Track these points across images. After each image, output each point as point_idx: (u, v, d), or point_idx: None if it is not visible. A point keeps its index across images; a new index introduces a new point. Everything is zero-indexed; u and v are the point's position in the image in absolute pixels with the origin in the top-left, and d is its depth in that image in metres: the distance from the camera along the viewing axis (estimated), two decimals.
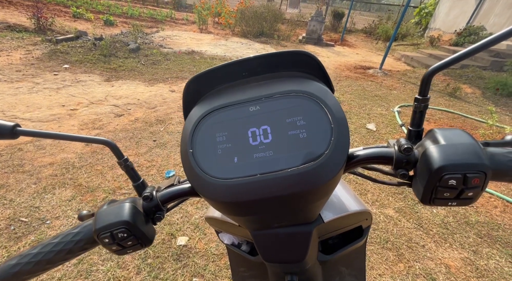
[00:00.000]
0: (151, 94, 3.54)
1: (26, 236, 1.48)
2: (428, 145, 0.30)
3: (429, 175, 0.28)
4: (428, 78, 0.32)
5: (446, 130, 0.31)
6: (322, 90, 0.34)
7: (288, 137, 0.31)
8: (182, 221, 1.68)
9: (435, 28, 10.09)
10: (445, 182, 0.27)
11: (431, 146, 0.30)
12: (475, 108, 4.11)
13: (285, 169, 0.30)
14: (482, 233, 1.76)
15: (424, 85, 0.33)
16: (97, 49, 4.78)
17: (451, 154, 0.28)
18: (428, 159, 0.29)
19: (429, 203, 0.30)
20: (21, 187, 1.81)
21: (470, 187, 0.27)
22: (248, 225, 0.39)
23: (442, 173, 0.27)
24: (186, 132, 0.35)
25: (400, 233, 1.71)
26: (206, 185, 0.32)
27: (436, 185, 0.28)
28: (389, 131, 3.08)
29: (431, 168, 0.28)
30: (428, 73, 0.32)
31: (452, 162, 0.27)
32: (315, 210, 0.38)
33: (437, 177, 0.28)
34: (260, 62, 0.37)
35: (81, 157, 2.18)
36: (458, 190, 0.28)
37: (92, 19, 7.56)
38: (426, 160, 0.29)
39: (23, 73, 3.62)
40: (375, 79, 5.25)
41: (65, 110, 2.87)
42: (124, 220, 0.34)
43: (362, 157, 0.36)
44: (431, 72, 0.32)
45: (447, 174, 0.27)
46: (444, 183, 0.28)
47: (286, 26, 9.87)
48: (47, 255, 0.35)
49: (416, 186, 0.32)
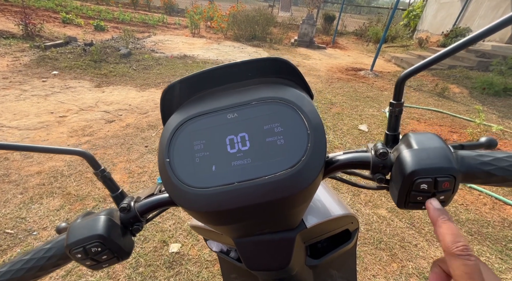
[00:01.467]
0: (142, 100, 3.51)
1: (11, 248, 1.43)
2: (402, 149, 0.31)
3: (403, 179, 0.28)
4: (401, 84, 0.33)
5: (419, 135, 0.31)
6: (299, 97, 0.34)
7: (265, 144, 0.31)
8: (174, 227, 1.66)
9: (423, 30, 10.35)
10: (418, 186, 0.28)
11: (405, 150, 0.30)
12: (463, 107, 4.21)
13: (262, 177, 0.30)
14: (472, 230, 1.78)
15: (397, 90, 0.33)
16: (87, 55, 4.72)
17: (422, 158, 0.28)
18: (402, 163, 0.29)
19: (404, 207, 0.31)
20: (7, 198, 1.76)
21: (441, 190, 0.28)
22: (229, 233, 0.38)
23: (414, 177, 0.27)
24: (163, 141, 0.34)
25: (393, 233, 1.72)
26: (183, 195, 0.31)
27: (409, 189, 0.28)
28: (381, 132, 3.12)
29: (404, 172, 0.28)
30: (401, 79, 0.32)
31: (423, 166, 0.27)
32: (296, 216, 0.38)
33: (410, 181, 0.28)
34: (237, 69, 0.37)
35: (70, 165, 2.14)
36: (430, 194, 0.28)
37: (82, 25, 7.49)
38: (400, 164, 0.29)
39: (10, 80, 3.54)
40: (366, 81, 5.33)
41: (54, 117, 2.82)
42: (98, 234, 0.33)
43: (340, 162, 0.36)
44: (403, 77, 0.32)
45: (419, 178, 0.27)
46: (417, 187, 0.28)
47: (278, 29, 9.97)
48: (17, 272, 0.33)
49: (392, 190, 0.32)
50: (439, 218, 0.26)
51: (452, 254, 0.23)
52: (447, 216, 0.26)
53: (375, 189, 0.38)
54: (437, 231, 0.25)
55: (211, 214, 0.32)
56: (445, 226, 0.25)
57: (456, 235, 0.24)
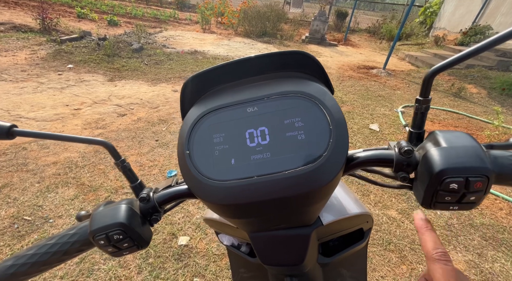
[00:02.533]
0: (153, 94, 3.56)
1: (29, 234, 1.49)
2: (429, 147, 0.30)
3: (430, 178, 0.27)
4: (429, 79, 0.32)
5: (448, 133, 0.30)
6: (321, 91, 0.33)
7: (286, 139, 0.31)
8: (183, 220, 1.69)
9: (440, 27, 9.98)
10: (446, 185, 0.27)
11: (432, 148, 0.29)
12: (481, 108, 4.06)
13: (282, 171, 0.30)
14: (487, 235, 1.73)
15: (425, 86, 0.32)
16: (100, 49, 4.82)
17: (452, 157, 0.27)
18: (429, 161, 0.28)
19: (430, 207, 0.30)
20: (25, 186, 1.83)
21: (472, 191, 0.27)
22: (245, 227, 0.38)
23: (443, 177, 0.27)
24: (183, 133, 0.35)
25: (403, 235, 1.69)
26: (202, 187, 0.32)
27: (437, 189, 0.27)
28: (392, 132, 3.05)
29: (432, 171, 0.27)
30: (429, 74, 0.31)
31: (454, 165, 0.26)
32: (314, 212, 0.38)
33: (438, 180, 0.27)
34: (258, 62, 0.36)
35: (84, 156, 2.20)
36: (460, 194, 0.27)
37: (96, 20, 7.63)
38: (427, 162, 0.28)
39: (28, 73, 3.66)
40: (378, 79, 5.21)
41: (69, 109, 2.90)
42: (120, 222, 0.34)
43: (362, 159, 0.35)
44: (432, 72, 0.31)
45: (448, 178, 0.26)
46: (445, 187, 0.27)
47: (289, 26, 9.84)
48: (43, 256, 0.34)
49: (417, 189, 0.31)
50: (423, 227, 0.30)
51: (432, 259, 0.26)
52: (430, 226, 0.30)
53: (396, 188, 0.38)
54: (421, 238, 0.29)
55: (230, 207, 0.32)
56: (427, 234, 0.29)
57: (437, 243, 0.27)
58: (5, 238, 1.45)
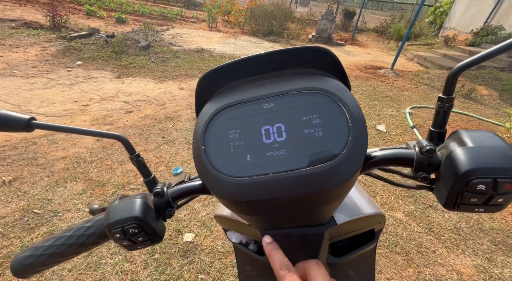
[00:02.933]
0: (160, 92, 3.58)
1: (39, 227, 1.52)
2: (453, 146, 0.29)
3: (455, 179, 0.27)
4: (454, 77, 0.31)
5: (474, 132, 0.29)
6: (340, 88, 0.33)
7: (303, 136, 0.30)
8: (189, 217, 1.70)
9: (450, 27, 9.78)
10: (473, 186, 0.26)
11: (457, 148, 0.28)
12: (492, 111, 3.97)
13: (299, 168, 0.29)
14: (497, 240, 1.69)
15: (449, 84, 0.31)
16: (109, 47, 4.87)
17: (480, 157, 0.26)
18: (454, 161, 0.27)
19: (453, 208, 0.29)
20: (35, 180, 1.87)
21: (500, 192, 0.26)
22: (259, 224, 0.38)
23: (470, 177, 0.26)
24: (198, 129, 0.34)
25: (410, 237, 1.67)
26: (217, 183, 0.31)
27: (462, 190, 0.27)
28: (399, 133, 3.01)
29: (458, 171, 0.26)
30: (454, 72, 0.30)
31: (481, 165, 0.26)
32: (329, 211, 0.37)
33: (464, 181, 0.26)
34: (274, 58, 0.36)
35: (92, 152, 2.23)
36: (487, 196, 0.26)
37: (104, 17, 7.71)
38: (452, 162, 0.28)
39: (38, 69, 3.73)
40: (386, 80, 5.14)
41: (77, 105, 2.94)
42: (135, 216, 0.34)
43: (379, 158, 0.35)
44: (457, 70, 0.30)
45: (475, 178, 0.26)
46: (472, 188, 0.26)
47: (296, 25, 9.77)
48: (60, 247, 0.35)
49: (439, 190, 0.30)
50: (271, 249, 0.34)
51: (279, 275, 0.30)
52: (276, 246, 0.34)
53: (414, 188, 0.37)
54: (270, 260, 0.33)
55: (245, 204, 0.32)
56: (274, 253, 0.33)
57: (282, 259, 0.32)
58: (15, 230, 1.48)
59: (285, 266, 0.31)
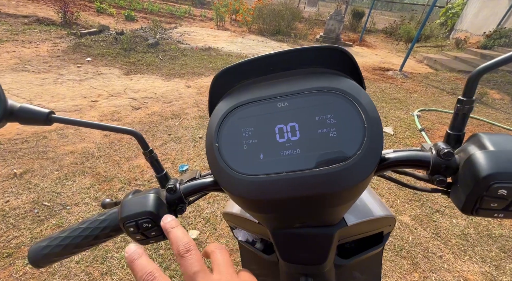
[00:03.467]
0: (167, 89, 3.61)
1: (48, 219, 1.56)
2: (473, 150, 0.28)
3: (475, 183, 0.26)
4: (475, 79, 0.30)
5: (494, 135, 0.29)
6: (355, 88, 0.32)
7: (317, 136, 0.30)
8: (194, 215, 1.71)
9: (462, 29, 9.59)
10: (494, 191, 0.25)
11: (478, 151, 0.27)
12: (503, 115, 3.88)
13: (313, 168, 0.29)
14: (506, 247, 1.66)
15: (469, 86, 0.31)
16: (118, 44, 4.93)
17: (502, 161, 0.26)
18: (474, 165, 0.27)
19: (471, 213, 0.28)
20: (45, 173, 1.91)
21: None
22: (269, 223, 0.38)
23: (491, 182, 0.25)
24: (212, 126, 0.35)
25: (416, 242, 1.65)
26: (230, 180, 0.32)
27: (482, 194, 0.26)
28: (407, 136, 2.97)
29: (478, 175, 0.26)
30: (475, 74, 0.30)
31: (503, 169, 0.25)
32: (340, 212, 0.37)
33: (485, 185, 0.25)
34: (289, 57, 0.36)
35: (100, 147, 2.27)
36: (508, 201, 0.26)
37: (114, 14, 7.81)
38: (472, 166, 0.27)
39: (50, 64, 3.80)
40: (394, 82, 5.07)
41: (86, 101, 2.99)
42: (149, 211, 0.34)
43: (394, 160, 0.34)
44: (478, 72, 0.29)
45: (496, 183, 0.25)
46: (493, 193, 0.25)
47: (304, 24, 9.72)
48: (75, 239, 0.36)
49: (457, 194, 0.30)
50: (170, 227, 0.30)
51: (179, 255, 0.26)
52: (177, 223, 0.30)
53: (429, 192, 0.36)
54: (170, 239, 0.29)
55: (257, 202, 0.32)
56: (173, 232, 0.29)
57: (183, 238, 0.28)
58: (26, 222, 1.52)
59: (187, 244, 0.27)
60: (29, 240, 1.42)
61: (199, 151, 2.37)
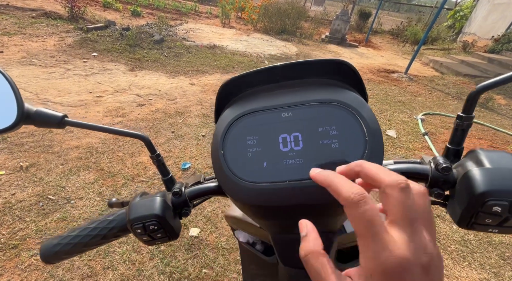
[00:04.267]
0: (171, 86, 3.63)
1: (52, 213, 1.59)
2: (470, 166, 0.29)
3: (471, 199, 0.27)
4: (474, 97, 0.31)
5: (492, 153, 0.30)
6: (358, 101, 0.33)
7: (319, 146, 0.31)
8: (195, 212, 1.73)
9: (470, 32, 9.46)
10: (489, 208, 0.26)
11: (475, 168, 0.28)
12: (509, 121, 3.84)
13: None
14: (505, 255, 1.66)
15: (469, 103, 0.32)
16: (123, 39, 4.95)
17: (498, 178, 0.27)
18: (471, 181, 0.28)
19: (467, 227, 0.29)
20: (50, 167, 1.94)
21: None
22: (270, 228, 0.39)
23: (486, 198, 0.26)
24: (218, 133, 0.36)
25: None
26: (234, 186, 0.33)
27: (477, 210, 0.27)
28: (410, 140, 2.96)
29: (473, 191, 0.27)
30: (475, 92, 0.31)
31: (498, 187, 0.26)
32: (340, 220, 0.38)
33: (480, 202, 0.27)
34: (294, 69, 0.37)
35: (104, 143, 2.29)
36: (503, 218, 0.27)
37: (120, 9, 7.83)
38: (468, 182, 0.28)
39: (56, 59, 3.84)
40: (399, 84, 5.04)
41: (92, 96, 3.02)
42: (156, 214, 0.36)
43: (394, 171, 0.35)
44: (479, 90, 0.30)
45: (491, 200, 0.26)
46: (487, 209, 0.26)
47: (309, 24, 9.66)
48: (85, 238, 0.37)
49: (453, 208, 0.31)
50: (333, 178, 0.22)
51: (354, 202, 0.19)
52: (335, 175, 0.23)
53: None
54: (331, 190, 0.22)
55: (259, 208, 0.33)
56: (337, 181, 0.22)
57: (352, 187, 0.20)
58: (31, 215, 1.55)
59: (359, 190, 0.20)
60: (34, 232, 1.45)
61: (202, 149, 2.39)
